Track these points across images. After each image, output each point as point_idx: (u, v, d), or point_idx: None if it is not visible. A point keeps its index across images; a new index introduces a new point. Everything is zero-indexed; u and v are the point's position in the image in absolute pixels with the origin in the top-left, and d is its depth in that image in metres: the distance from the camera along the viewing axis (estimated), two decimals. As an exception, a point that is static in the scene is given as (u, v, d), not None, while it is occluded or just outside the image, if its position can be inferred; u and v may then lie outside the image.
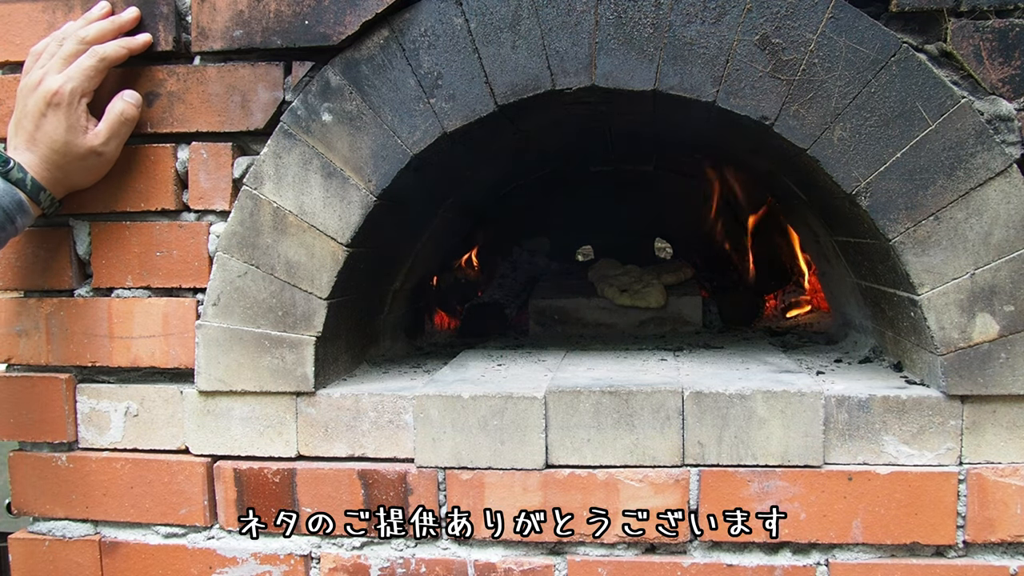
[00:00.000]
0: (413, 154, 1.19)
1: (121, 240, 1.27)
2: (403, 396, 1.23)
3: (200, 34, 1.23)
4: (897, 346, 1.31)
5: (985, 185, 1.09)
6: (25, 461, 1.32)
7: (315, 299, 1.22)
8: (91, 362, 1.29)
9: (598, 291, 1.95)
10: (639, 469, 1.17)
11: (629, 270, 2.01)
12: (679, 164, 2.20)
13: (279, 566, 1.25)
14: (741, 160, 1.77)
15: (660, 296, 1.89)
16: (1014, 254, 1.10)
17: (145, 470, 1.28)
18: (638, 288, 1.90)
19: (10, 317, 1.30)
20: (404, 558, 1.22)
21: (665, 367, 1.36)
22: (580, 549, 1.20)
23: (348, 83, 1.19)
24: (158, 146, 1.26)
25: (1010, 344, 1.10)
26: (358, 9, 1.18)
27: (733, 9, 1.12)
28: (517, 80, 1.17)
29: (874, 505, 1.13)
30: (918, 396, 1.14)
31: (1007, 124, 1.10)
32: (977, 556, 1.14)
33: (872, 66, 1.10)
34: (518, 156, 1.68)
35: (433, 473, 1.21)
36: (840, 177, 1.13)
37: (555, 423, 1.18)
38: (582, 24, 1.15)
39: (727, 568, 1.17)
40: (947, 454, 1.13)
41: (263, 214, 1.22)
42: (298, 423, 1.24)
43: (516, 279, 2.22)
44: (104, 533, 1.30)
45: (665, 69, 1.14)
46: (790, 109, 1.13)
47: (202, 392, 1.25)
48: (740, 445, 1.15)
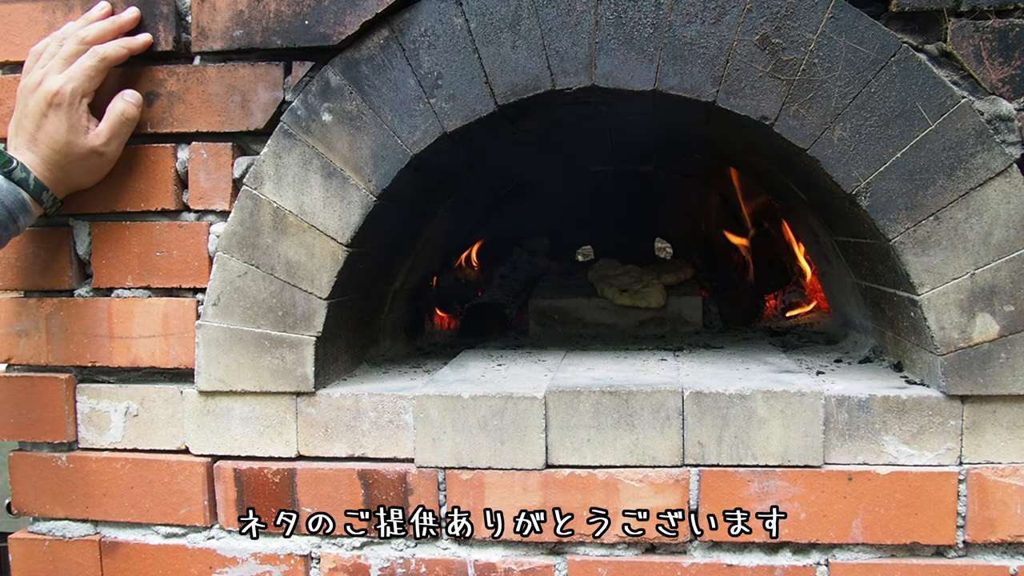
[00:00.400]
0: (413, 154, 1.19)
1: (121, 240, 1.27)
2: (403, 396, 1.23)
3: (200, 34, 1.23)
4: (897, 346, 1.31)
5: (985, 185, 1.09)
6: (25, 461, 1.32)
7: (315, 299, 1.22)
8: (91, 362, 1.29)
9: (598, 291, 1.95)
10: (639, 469, 1.17)
11: (629, 270, 2.02)
12: (679, 164, 2.20)
13: (279, 566, 1.25)
14: (741, 160, 1.77)
15: (660, 296, 1.89)
16: (1014, 254, 1.10)
17: (145, 470, 1.28)
18: (638, 288, 1.91)
19: (10, 317, 1.30)
20: (404, 558, 1.22)
21: (665, 367, 1.36)
22: (580, 549, 1.20)
23: (348, 83, 1.19)
24: (158, 146, 1.26)
25: (1010, 344, 1.10)
26: (358, 9, 1.18)
27: (733, 9, 1.12)
28: (517, 80, 1.17)
29: (874, 505, 1.13)
30: (918, 396, 1.14)
31: (1007, 124, 1.10)
32: (977, 556, 1.14)
33: (872, 66, 1.10)
34: (518, 156, 1.68)
35: (433, 473, 1.21)
36: (840, 177, 1.13)
37: (555, 423, 1.18)
38: (582, 24, 1.15)
39: (727, 568, 1.17)
40: (947, 454, 1.13)
41: (263, 214, 1.22)
42: (298, 423, 1.24)
43: (516, 279, 2.22)
44: (104, 533, 1.30)
45: (665, 69, 1.14)
46: (790, 109, 1.13)
47: (202, 392, 1.25)
48: (740, 445, 1.15)
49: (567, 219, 2.29)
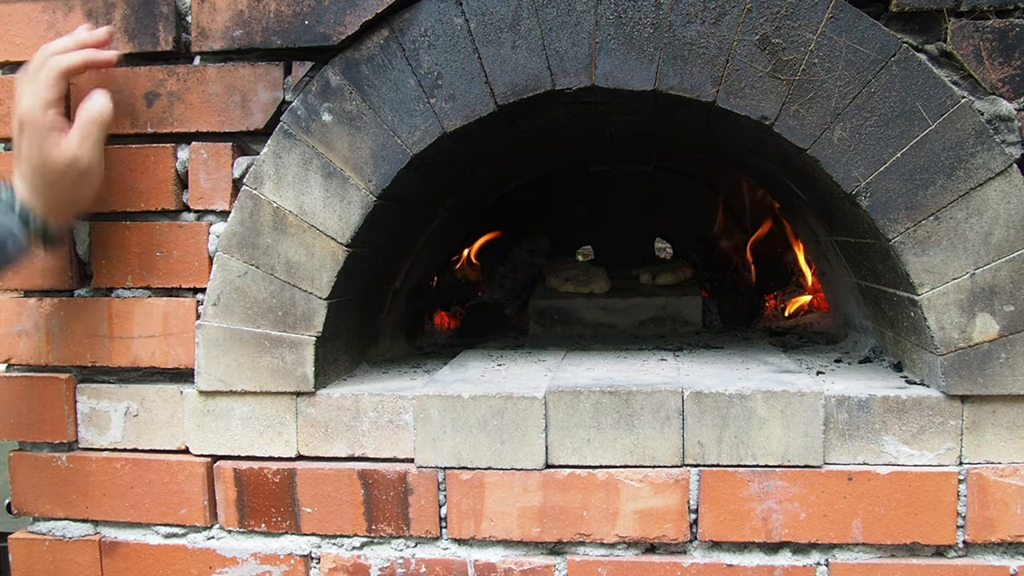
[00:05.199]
0: (413, 154, 1.19)
1: (121, 240, 1.27)
2: (403, 396, 1.23)
3: (200, 34, 1.23)
4: (897, 346, 1.31)
5: (985, 185, 1.09)
6: (25, 461, 1.32)
7: (315, 299, 1.22)
8: (91, 362, 1.29)
9: (547, 282, 2.07)
10: (639, 469, 1.17)
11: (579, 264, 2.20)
12: (679, 164, 2.20)
13: (279, 566, 1.25)
14: (741, 160, 1.76)
15: (603, 283, 2.01)
16: (1014, 254, 1.10)
17: (145, 470, 1.28)
18: (583, 279, 2.03)
19: (10, 317, 1.30)
20: (404, 558, 1.22)
21: (665, 367, 1.36)
22: (580, 549, 1.20)
23: (348, 83, 1.19)
24: (158, 146, 1.26)
25: (1010, 344, 1.10)
26: (358, 9, 1.18)
27: (733, 9, 1.12)
28: (517, 80, 1.17)
29: (874, 505, 1.13)
30: (918, 396, 1.14)
31: (1007, 124, 1.10)
32: (977, 556, 1.14)
33: (872, 66, 1.10)
34: (518, 156, 1.68)
35: (433, 473, 1.21)
36: (840, 177, 1.13)
37: (555, 423, 1.18)
38: (582, 24, 1.15)
39: (727, 568, 1.17)
40: (947, 454, 1.13)
41: (263, 214, 1.22)
42: (298, 423, 1.24)
43: (516, 279, 2.22)
44: (104, 533, 1.30)
45: (665, 69, 1.14)
46: (790, 109, 1.13)
47: (202, 392, 1.25)
48: (740, 445, 1.15)
49: (567, 219, 2.29)
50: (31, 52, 1.24)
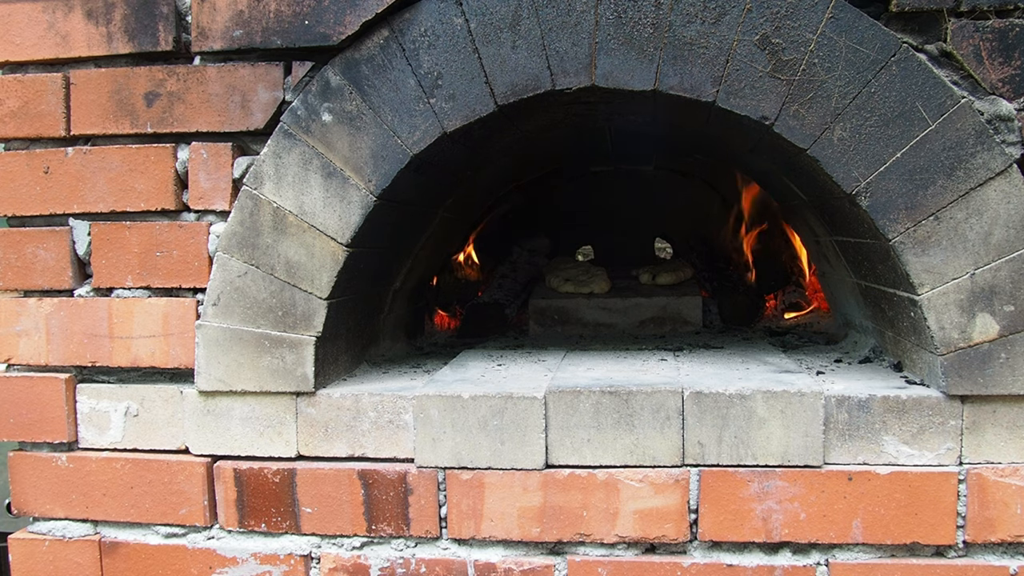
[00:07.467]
0: (413, 154, 1.19)
1: (121, 240, 1.27)
2: (403, 396, 1.23)
3: (200, 34, 1.23)
4: (897, 346, 1.31)
5: (985, 185, 1.09)
6: (25, 461, 1.32)
7: (315, 299, 1.22)
8: (91, 362, 1.29)
9: (547, 282, 2.06)
10: (639, 469, 1.17)
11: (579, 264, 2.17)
12: (679, 164, 2.20)
13: (279, 566, 1.25)
14: (741, 160, 1.76)
15: (603, 283, 2.00)
16: (1014, 254, 1.10)
17: (145, 470, 1.28)
18: (583, 279, 2.02)
19: (10, 317, 1.30)
20: (404, 558, 1.22)
21: (665, 367, 1.36)
22: (580, 549, 1.20)
23: (348, 83, 1.19)
24: (158, 146, 1.26)
25: (1010, 344, 1.10)
26: (358, 9, 1.18)
27: (733, 9, 1.12)
28: (517, 80, 1.17)
29: (874, 505, 1.13)
30: (918, 396, 1.14)
31: (1007, 124, 1.10)
32: (977, 556, 1.14)
33: (872, 66, 1.10)
34: (518, 156, 1.68)
35: (433, 473, 1.21)
36: (840, 177, 1.13)
37: (555, 423, 1.18)
38: (582, 24, 1.15)
39: (727, 568, 1.17)
40: (947, 454, 1.13)
41: (263, 214, 1.22)
42: (298, 423, 1.24)
43: (516, 279, 2.22)
44: (104, 533, 1.30)
45: (665, 69, 1.14)
46: (790, 109, 1.13)
47: (202, 392, 1.25)
48: (740, 445, 1.15)
49: (567, 219, 2.29)
50: (31, 52, 1.25)
